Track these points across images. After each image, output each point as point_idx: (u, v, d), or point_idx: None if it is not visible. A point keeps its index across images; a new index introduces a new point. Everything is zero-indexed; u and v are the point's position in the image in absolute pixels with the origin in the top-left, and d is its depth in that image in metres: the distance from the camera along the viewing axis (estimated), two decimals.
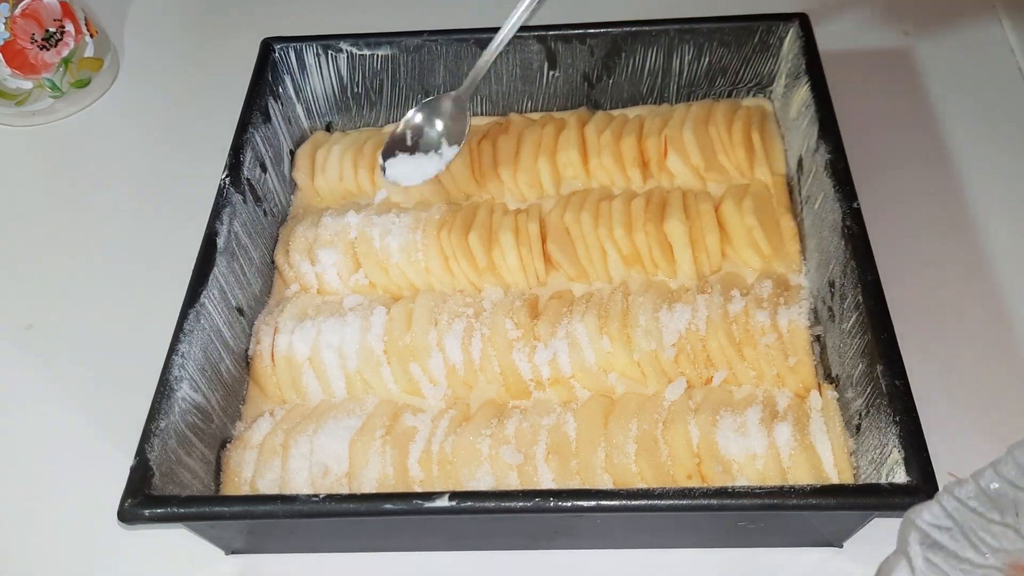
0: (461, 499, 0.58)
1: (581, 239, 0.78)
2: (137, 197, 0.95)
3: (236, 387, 0.74)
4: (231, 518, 0.61)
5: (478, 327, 0.74)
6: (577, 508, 0.58)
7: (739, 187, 0.81)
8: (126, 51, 1.09)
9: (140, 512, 0.59)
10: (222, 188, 0.76)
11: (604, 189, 0.83)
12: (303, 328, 0.75)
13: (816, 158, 0.75)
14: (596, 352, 0.72)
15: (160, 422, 0.64)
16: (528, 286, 0.79)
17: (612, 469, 0.66)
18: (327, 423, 0.70)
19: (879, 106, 0.93)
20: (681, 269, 0.77)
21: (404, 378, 0.73)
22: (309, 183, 0.87)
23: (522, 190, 0.84)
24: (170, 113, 1.02)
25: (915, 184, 0.87)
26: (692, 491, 0.57)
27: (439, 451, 0.68)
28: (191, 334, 0.68)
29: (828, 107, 0.76)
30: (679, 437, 0.66)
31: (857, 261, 0.66)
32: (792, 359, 0.70)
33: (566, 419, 0.69)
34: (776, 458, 0.65)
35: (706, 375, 0.71)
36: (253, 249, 0.79)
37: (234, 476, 0.69)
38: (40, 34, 0.96)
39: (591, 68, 0.88)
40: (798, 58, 0.81)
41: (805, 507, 0.57)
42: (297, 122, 0.90)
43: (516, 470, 0.67)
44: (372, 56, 0.87)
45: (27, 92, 0.99)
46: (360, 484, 0.67)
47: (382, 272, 0.79)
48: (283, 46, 0.86)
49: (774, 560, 0.67)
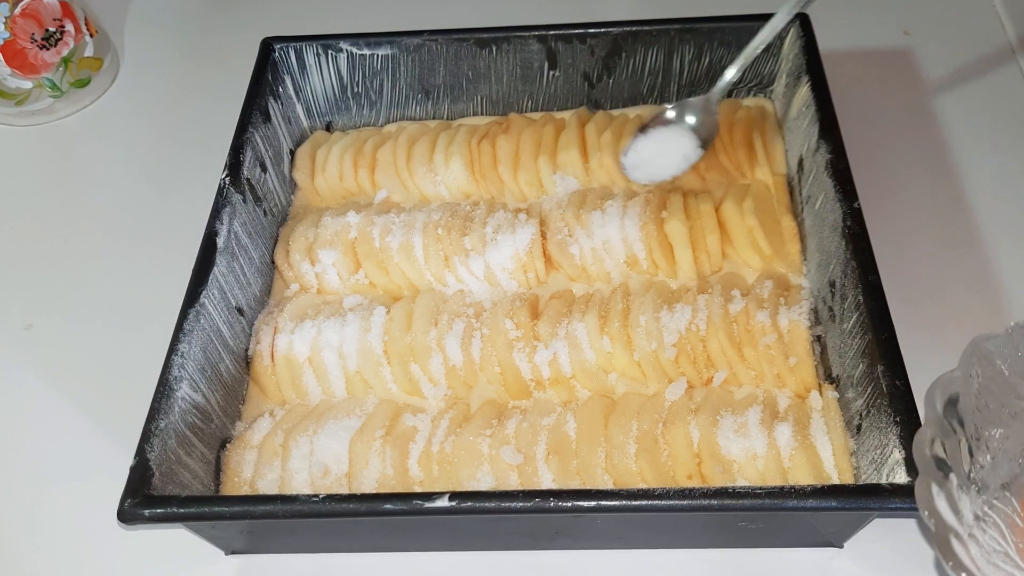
0: (461, 499, 0.58)
1: (581, 239, 0.78)
2: (137, 197, 0.95)
3: (236, 387, 0.74)
4: (231, 518, 0.61)
5: (478, 327, 0.74)
6: (577, 508, 0.58)
7: (740, 187, 0.81)
8: (126, 51, 1.09)
9: (140, 512, 0.59)
10: (222, 188, 0.76)
11: (604, 189, 0.83)
12: (303, 328, 0.75)
13: (816, 158, 0.75)
14: (596, 352, 0.72)
15: (160, 422, 0.64)
16: (528, 286, 0.79)
17: (612, 469, 0.66)
18: (327, 423, 0.70)
19: (879, 106, 0.93)
20: (681, 269, 0.77)
21: (404, 378, 0.73)
22: (309, 183, 0.87)
23: (522, 190, 0.84)
24: (170, 113, 1.02)
25: (915, 184, 0.87)
26: (692, 491, 0.57)
27: (439, 451, 0.68)
28: (191, 334, 0.68)
29: (828, 107, 0.76)
30: (679, 437, 0.66)
31: (858, 261, 0.66)
32: (792, 359, 0.70)
33: (566, 419, 0.69)
34: (776, 458, 0.65)
35: (707, 375, 0.71)
36: (253, 249, 0.79)
37: (234, 476, 0.69)
38: (40, 34, 0.96)
39: (591, 68, 0.88)
40: (798, 58, 0.81)
41: (805, 507, 0.57)
42: (297, 122, 0.90)
43: (516, 470, 0.67)
44: (372, 56, 0.87)
45: (27, 92, 0.99)
46: (360, 484, 0.67)
47: (382, 272, 0.79)
48: (283, 46, 0.86)
49: (774, 560, 0.67)
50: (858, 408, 0.65)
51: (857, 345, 0.65)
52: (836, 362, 0.69)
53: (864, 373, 0.64)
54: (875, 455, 0.62)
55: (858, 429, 0.65)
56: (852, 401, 0.66)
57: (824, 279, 0.72)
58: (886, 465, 0.60)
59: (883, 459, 0.60)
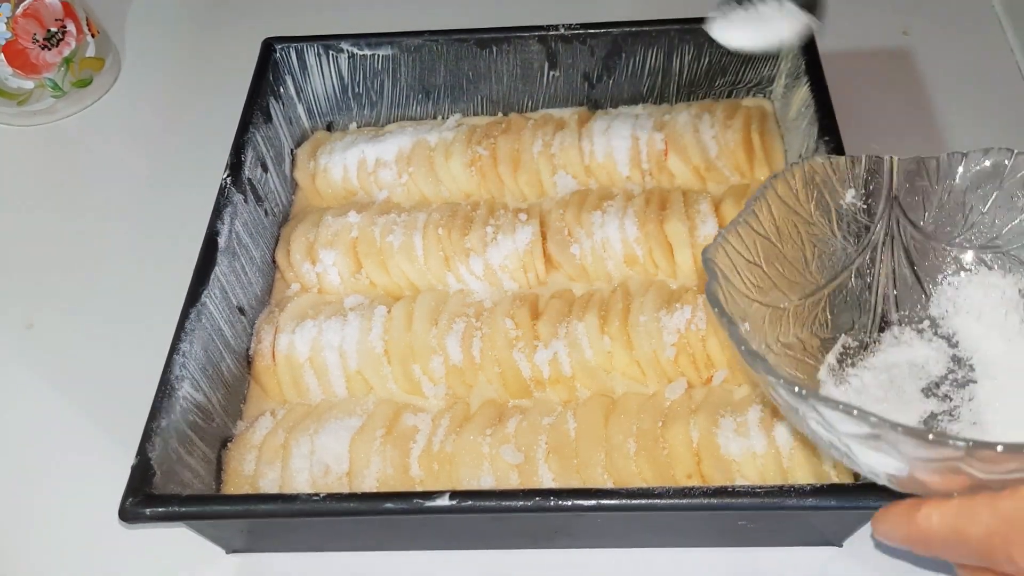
0: (461, 498, 0.58)
1: (581, 239, 0.78)
2: (138, 196, 0.95)
3: (237, 386, 0.75)
4: (232, 517, 0.62)
5: (478, 327, 0.74)
6: (577, 507, 0.58)
7: (739, 187, 0.81)
8: (127, 51, 1.09)
9: (141, 511, 0.60)
10: (223, 188, 0.76)
11: (604, 189, 0.83)
12: (304, 328, 0.75)
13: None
14: (596, 352, 0.72)
15: (161, 421, 0.64)
16: (528, 286, 0.79)
17: (612, 468, 0.66)
18: (328, 422, 0.70)
19: (879, 106, 0.93)
20: (681, 269, 0.77)
21: (404, 378, 0.73)
22: (310, 183, 0.87)
23: (522, 190, 0.84)
24: (171, 113, 1.03)
25: None
26: (692, 491, 0.57)
27: (439, 450, 0.68)
28: (192, 333, 0.68)
29: (828, 107, 0.76)
30: (679, 437, 0.66)
31: None
32: None
33: (566, 419, 0.69)
34: (776, 458, 0.65)
35: (706, 375, 0.71)
36: (254, 248, 0.79)
37: (235, 475, 0.69)
38: (42, 34, 0.96)
39: (591, 68, 0.88)
40: (798, 58, 0.81)
41: (805, 506, 0.57)
42: (298, 122, 0.90)
43: (516, 469, 0.67)
44: (373, 56, 0.87)
45: (28, 92, 0.99)
46: (361, 483, 0.67)
47: (383, 272, 0.79)
48: (284, 46, 0.87)
49: (774, 560, 0.67)
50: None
51: None
52: None
53: None
54: None
55: None
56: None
57: None
58: None
59: None
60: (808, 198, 0.60)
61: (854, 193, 0.61)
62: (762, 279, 0.58)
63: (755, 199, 0.58)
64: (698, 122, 0.84)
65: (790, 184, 0.59)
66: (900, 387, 0.58)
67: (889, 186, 0.60)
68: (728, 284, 0.55)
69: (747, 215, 0.57)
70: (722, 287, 0.53)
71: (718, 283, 0.53)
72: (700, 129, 0.83)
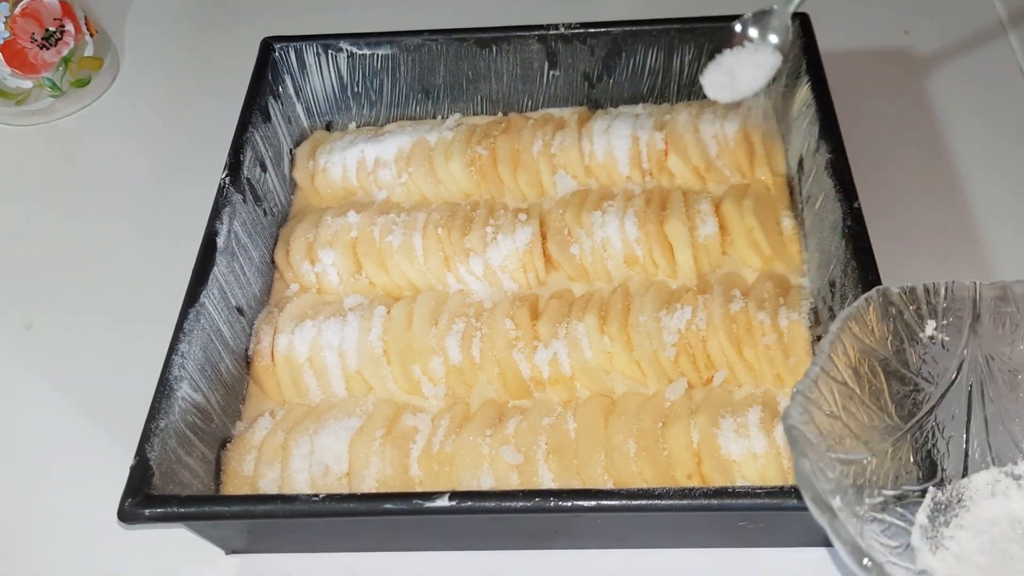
0: (461, 499, 0.58)
1: (581, 239, 0.78)
2: (137, 196, 0.95)
3: (236, 387, 0.74)
4: (231, 518, 0.61)
5: (478, 327, 0.74)
6: (577, 508, 0.58)
7: (739, 187, 0.81)
8: (126, 50, 1.09)
9: (140, 512, 0.59)
10: (222, 187, 0.76)
11: (604, 189, 0.83)
12: (303, 328, 0.75)
13: (816, 158, 0.75)
14: (596, 352, 0.72)
15: (160, 422, 0.64)
16: (528, 286, 0.79)
17: (612, 469, 0.66)
18: (327, 423, 0.70)
19: (879, 106, 0.93)
20: (681, 269, 0.77)
21: (404, 378, 0.73)
22: (309, 182, 0.87)
23: (522, 190, 0.84)
24: (170, 112, 1.02)
25: (915, 184, 0.87)
26: (692, 491, 0.57)
27: (439, 451, 0.68)
28: (191, 334, 0.68)
29: (828, 107, 0.76)
30: (679, 437, 0.66)
31: (858, 261, 0.66)
32: (792, 359, 0.70)
33: (566, 419, 0.69)
34: (776, 458, 0.65)
35: (706, 375, 0.71)
36: (253, 249, 0.79)
37: (234, 476, 0.69)
38: (40, 33, 0.96)
39: (591, 68, 0.88)
40: (798, 58, 0.81)
41: (805, 507, 0.56)
42: (297, 121, 0.90)
43: (516, 470, 0.67)
44: (372, 55, 0.87)
45: (27, 91, 0.99)
46: (360, 484, 0.67)
47: (382, 272, 0.79)
48: (283, 45, 0.86)
49: (774, 560, 0.67)
50: None
51: None
52: None
53: None
54: None
55: None
56: None
57: (824, 279, 0.72)
58: None
59: None
60: (886, 333, 0.55)
61: (935, 325, 0.56)
62: (842, 431, 0.52)
63: (831, 342, 0.52)
64: (698, 122, 0.84)
65: (866, 320, 0.54)
66: (1005, 550, 0.52)
67: (973, 315, 0.55)
68: (812, 449, 0.49)
69: (823, 362, 0.52)
70: (810, 459, 0.47)
71: (806, 457, 0.46)
72: (700, 129, 0.83)
